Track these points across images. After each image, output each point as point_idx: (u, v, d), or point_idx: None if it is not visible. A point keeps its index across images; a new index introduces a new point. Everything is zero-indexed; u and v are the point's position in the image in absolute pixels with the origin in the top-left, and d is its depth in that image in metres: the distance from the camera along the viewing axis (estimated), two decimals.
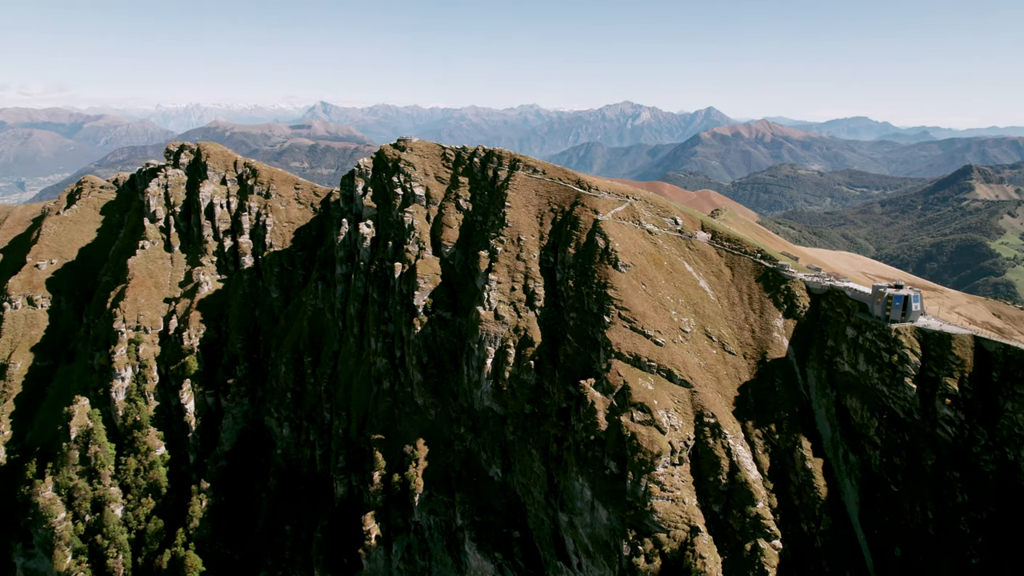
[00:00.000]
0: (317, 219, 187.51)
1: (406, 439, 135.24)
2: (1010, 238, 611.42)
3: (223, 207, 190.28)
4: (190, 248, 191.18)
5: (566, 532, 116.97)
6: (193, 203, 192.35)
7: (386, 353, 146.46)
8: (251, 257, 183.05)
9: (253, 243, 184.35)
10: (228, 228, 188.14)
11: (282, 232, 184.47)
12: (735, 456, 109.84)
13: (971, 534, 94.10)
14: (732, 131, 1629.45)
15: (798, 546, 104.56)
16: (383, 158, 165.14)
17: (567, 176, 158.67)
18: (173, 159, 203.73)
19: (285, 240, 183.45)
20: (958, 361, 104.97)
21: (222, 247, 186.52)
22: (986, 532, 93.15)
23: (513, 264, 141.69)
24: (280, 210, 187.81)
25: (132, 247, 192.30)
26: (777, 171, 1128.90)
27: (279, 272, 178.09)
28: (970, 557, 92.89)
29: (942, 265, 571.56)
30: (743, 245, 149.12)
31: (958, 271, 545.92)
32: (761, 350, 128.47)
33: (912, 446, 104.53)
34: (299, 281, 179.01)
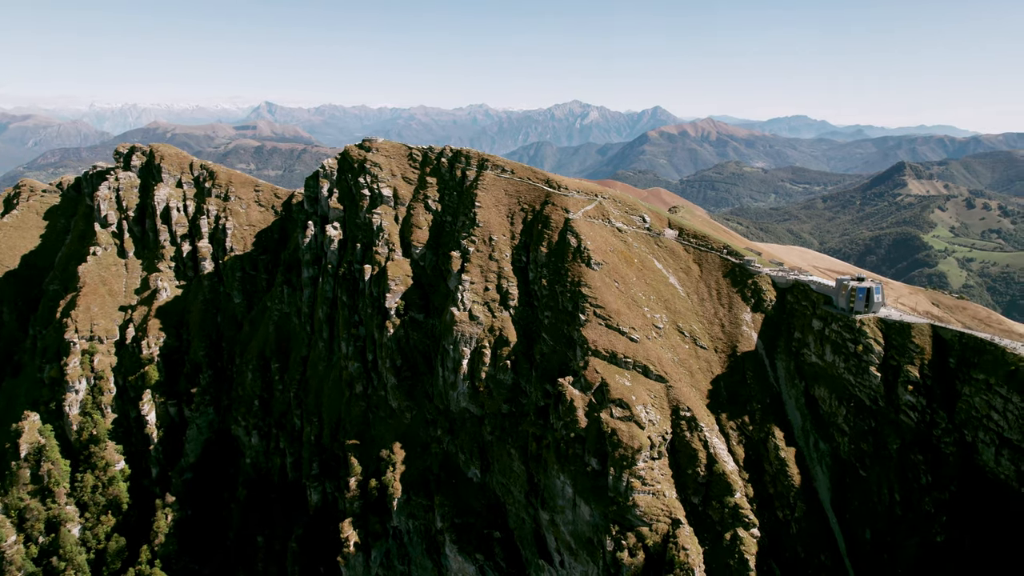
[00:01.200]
0: (279, 222, 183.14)
1: (382, 443, 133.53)
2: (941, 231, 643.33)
3: (180, 211, 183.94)
4: (146, 254, 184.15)
5: (547, 530, 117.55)
6: (148, 207, 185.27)
7: (358, 357, 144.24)
8: (211, 262, 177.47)
9: (213, 247, 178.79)
10: (186, 232, 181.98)
11: (243, 235, 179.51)
12: (712, 448, 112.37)
13: (935, 513, 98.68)
14: (679, 130, 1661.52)
15: (774, 533, 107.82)
16: (348, 159, 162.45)
17: (536, 175, 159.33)
18: (123, 161, 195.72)
19: (246, 244, 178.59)
20: (918, 349, 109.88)
21: (180, 252, 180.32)
22: (949, 511, 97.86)
23: (486, 264, 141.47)
24: (240, 213, 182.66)
25: (82, 253, 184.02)
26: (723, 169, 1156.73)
27: (241, 277, 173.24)
28: (935, 536, 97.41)
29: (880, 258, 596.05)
30: (709, 241, 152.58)
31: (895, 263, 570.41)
32: (731, 344, 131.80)
33: (878, 432, 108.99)
34: (263, 286, 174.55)
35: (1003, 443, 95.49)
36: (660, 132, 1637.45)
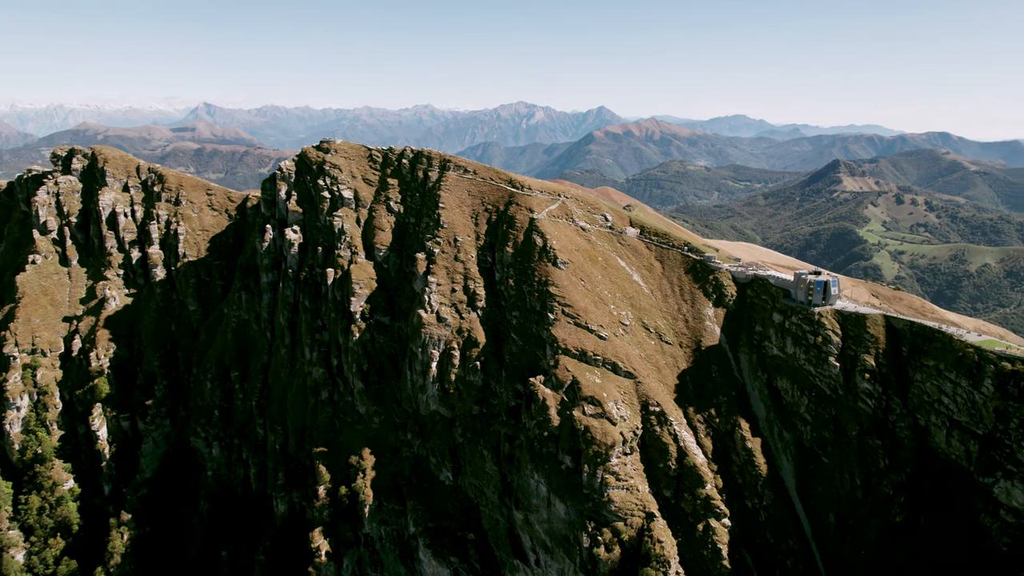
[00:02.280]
0: (234, 226, 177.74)
1: (350, 450, 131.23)
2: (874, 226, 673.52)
3: (127, 216, 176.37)
4: (91, 261, 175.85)
5: (522, 530, 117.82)
6: (92, 212, 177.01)
7: (322, 362, 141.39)
8: (163, 269, 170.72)
9: (164, 253, 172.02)
10: (134, 238, 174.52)
11: (196, 241, 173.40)
12: (682, 442, 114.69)
13: (894, 495, 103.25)
14: (623, 129, 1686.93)
15: (744, 522, 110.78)
16: (306, 161, 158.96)
17: (499, 176, 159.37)
18: (62, 164, 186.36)
19: (200, 249, 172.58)
20: (873, 339, 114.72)
21: (129, 259, 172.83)
22: (906, 491, 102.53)
23: (452, 265, 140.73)
24: (192, 218, 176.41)
25: (19, 262, 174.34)
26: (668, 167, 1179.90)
27: (196, 283, 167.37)
28: (894, 516, 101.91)
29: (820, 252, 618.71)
30: (670, 239, 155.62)
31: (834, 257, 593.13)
32: (696, 339, 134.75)
33: (838, 420, 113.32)
34: (219, 292, 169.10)
35: (953, 425, 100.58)
36: (605, 132, 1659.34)
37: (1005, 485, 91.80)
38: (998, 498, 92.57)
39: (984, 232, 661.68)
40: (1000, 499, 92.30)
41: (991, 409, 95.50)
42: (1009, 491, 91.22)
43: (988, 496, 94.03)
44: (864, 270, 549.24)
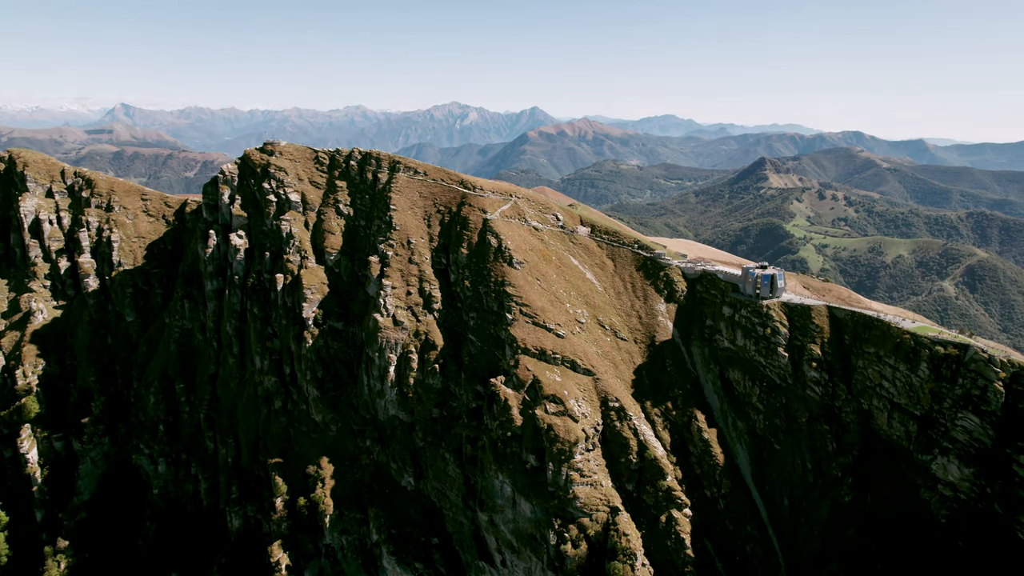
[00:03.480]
0: (172, 232, 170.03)
1: (307, 459, 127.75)
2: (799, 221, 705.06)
3: (53, 223, 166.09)
4: (12, 272, 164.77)
5: (487, 531, 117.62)
6: (12, 220, 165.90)
7: (274, 371, 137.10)
8: (96, 278, 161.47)
9: (97, 262, 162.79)
10: (62, 247, 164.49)
11: (132, 248, 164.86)
12: (641, 436, 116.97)
13: (842, 476, 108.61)
14: (557, 130, 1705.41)
15: (704, 511, 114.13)
16: (249, 163, 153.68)
17: (450, 177, 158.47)
18: None
19: (136, 257, 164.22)
20: (818, 329, 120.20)
21: (56, 269, 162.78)
22: (853, 472, 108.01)
23: (406, 268, 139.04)
24: (127, 224, 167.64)
25: None
26: (601, 167, 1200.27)
27: (133, 293, 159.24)
28: (843, 496, 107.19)
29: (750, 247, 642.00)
30: (620, 237, 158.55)
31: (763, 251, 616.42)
32: (649, 334, 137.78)
33: (788, 407, 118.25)
34: (159, 301, 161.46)
35: (894, 407, 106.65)
36: (539, 132, 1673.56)
37: (942, 461, 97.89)
38: (936, 474, 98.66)
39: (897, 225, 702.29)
40: (937, 475, 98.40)
41: (927, 391, 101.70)
42: (945, 467, 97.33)
43: (927, 472, 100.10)
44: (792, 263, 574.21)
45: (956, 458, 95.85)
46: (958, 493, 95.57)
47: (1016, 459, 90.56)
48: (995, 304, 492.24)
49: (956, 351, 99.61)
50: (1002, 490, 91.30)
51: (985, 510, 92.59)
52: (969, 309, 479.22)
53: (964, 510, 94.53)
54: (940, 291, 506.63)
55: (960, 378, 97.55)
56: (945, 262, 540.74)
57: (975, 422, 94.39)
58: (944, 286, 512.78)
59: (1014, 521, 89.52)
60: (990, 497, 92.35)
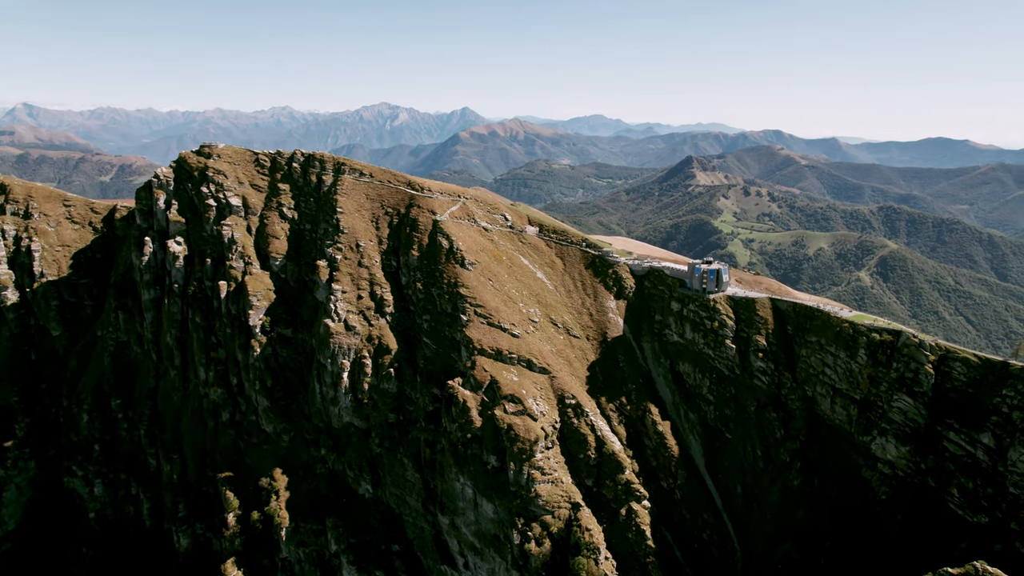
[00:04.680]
0: (101, 240, 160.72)
1: (260, 472, 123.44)
2: (727, 217, 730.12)
3: None
4: None
5: (449, 535, 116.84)
6: None
7: (220, 382, 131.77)
8: (15, 291, 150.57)
9: (16, 274, 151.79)
10: None
11: (56, 258, 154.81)
12: (599, 431, 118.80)
13: (791, 461, 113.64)
14: (488, 130, 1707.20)
15: (661, 501, 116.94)
16: (186, 167, 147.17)
17: (397, 178, 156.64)
18: None
19: (61, 267, 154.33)
20: (762, 320, 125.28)
21: None
22: (801, 457, 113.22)
23: (356, 272, 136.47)
24: (49, 232, 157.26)
25: None
26: (534, 167, 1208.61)
27: (59, 305, 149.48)
28: (792, 480, 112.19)
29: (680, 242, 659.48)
30: (568, 236, 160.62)
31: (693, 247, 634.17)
32: (601, 331, 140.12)
33: (738, 397, 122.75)
34: (89, 314, 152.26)
35: (836, 393, 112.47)
36: (471, 133, 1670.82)
37: (880, 441, 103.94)
38: (875, 453, 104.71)
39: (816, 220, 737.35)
40: (877, 454, 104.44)
41: (865, 376, 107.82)
42: (884, 446, 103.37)
43: (867, 453, 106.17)
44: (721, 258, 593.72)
45: (893, 438, 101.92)
46: (896, 470, 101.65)
47: (945, 435, 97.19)
48: (905, 292, 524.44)
49: (890, 337, 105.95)
50: (934, 465, 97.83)
51: (920, 484, 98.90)
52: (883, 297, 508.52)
53: (902, 486, 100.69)
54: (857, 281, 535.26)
55: (895, 362, 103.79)
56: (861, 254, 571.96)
57: (909, 403, 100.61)
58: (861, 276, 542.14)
59: (945, 493, 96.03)
60: (924, 472, 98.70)
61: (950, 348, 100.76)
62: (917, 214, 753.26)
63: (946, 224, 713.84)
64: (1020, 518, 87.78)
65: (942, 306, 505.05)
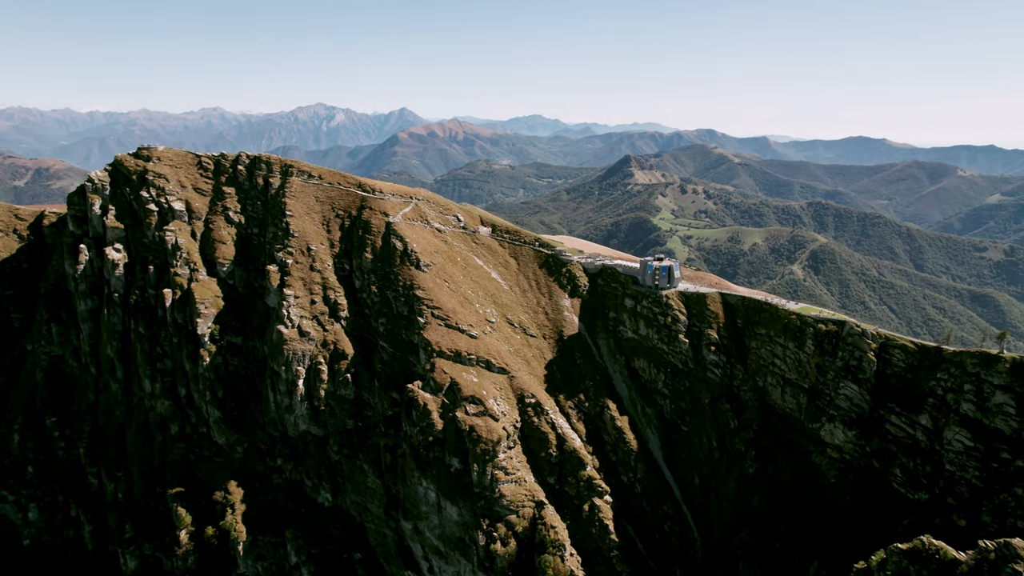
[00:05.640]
0: (28, 248, 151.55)
1: (213, 486, 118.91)
2: (665, 214, 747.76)
3: None
4: None
5: (412, 540, 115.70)
6: None
7: (167, 394, 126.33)
8: None
9: None
10: None
11: None
12: (559, 429, 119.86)
13: (745, 450, 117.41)
14: (427, 130, 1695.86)
15: (623, 495, 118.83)
16: (123, 170, 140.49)
17: (347, 180, 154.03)
18: None
19: None
20: (713, 315, 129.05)
21: None
22: (755, 446, 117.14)
23: (308, 276, 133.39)
24: None
25: None
26: (474, 167, 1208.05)
27: None
28: (747, 468, 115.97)
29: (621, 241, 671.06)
30: (521, 235, 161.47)
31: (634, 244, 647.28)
32: (557, 329, 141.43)
33: (692, 390, 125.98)
34: (16, 327, 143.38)
35: (786, 383, 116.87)
36: (410, 133, 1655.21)
37: (829, 427, 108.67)
38: (824, 439, 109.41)
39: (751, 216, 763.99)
40: (826, 439, 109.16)
41: (813, 365, 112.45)
42: (832, 432, 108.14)
43: (817, 439, 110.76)
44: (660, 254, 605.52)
45: (840, 423, 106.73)
46: (843, 454, 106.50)
47: (888, 419, 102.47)
48: (835, 284, 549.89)
49: (835, 327, 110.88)
50: (878, 447, 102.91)
51: (866, 466, 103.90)
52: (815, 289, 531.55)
53: (849, 468, 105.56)
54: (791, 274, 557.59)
55: (840, 351, 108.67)
56: (793, 248, 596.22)
57: (854, 390, 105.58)
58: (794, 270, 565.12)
59: (889, 473, 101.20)
60: (869, 455, 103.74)
61: (889, 336, 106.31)
62: (843, 209, 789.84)
63: (869, 219, 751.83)
64: (956, 493, 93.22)
65: (868, 296, 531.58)
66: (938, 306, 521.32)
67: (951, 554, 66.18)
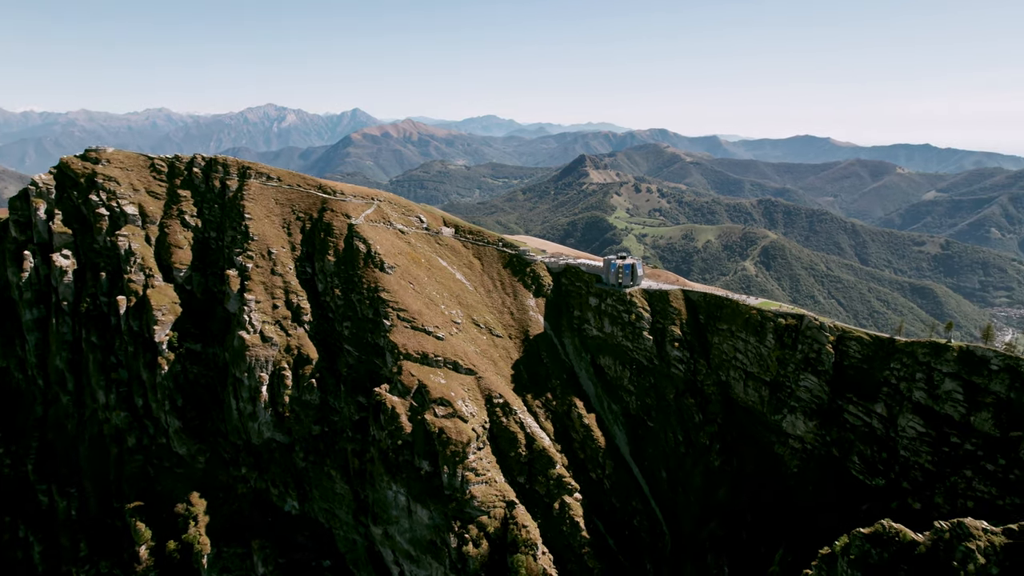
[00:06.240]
0: None
1: (174, 498, 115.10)
2: (620, 213, 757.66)
3: None
4: None
5: (383, 545, 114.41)
6: None
7: (123, 405, 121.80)
8: None
9: None
10: None
11: None
12: (528, 428, 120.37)
13: (710, 444, 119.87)
14: (381, 131, 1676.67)
15: (592, 492, 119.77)
16: (69, 173, 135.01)
17: (307, 182, 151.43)
18: None
19: None
20: (676, 311, 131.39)
21: None
22: (719, 439, 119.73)
23: (269, 280, 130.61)
24: None
25: None
26: (429, 168, 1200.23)
27: None
28: (713, 461, 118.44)
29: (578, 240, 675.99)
30: (485, 236, 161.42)
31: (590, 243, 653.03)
32: (523, 329, 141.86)
33: (657, 386, 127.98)
34: None
35: (748, 376, 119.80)
36: (363, 134, 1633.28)
37: (790, 419, 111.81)
38: (786, 430, 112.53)
39: (703, 214, 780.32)
40: (787, 430, 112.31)
41: (774, 359, 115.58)
42: (793, 423, 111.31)
43: (779, 430, 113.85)
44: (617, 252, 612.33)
45: (801, 414, 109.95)
46: (805, 444, 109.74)
47: (846, 408, 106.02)
48: (785, 279, 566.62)
49: (794, 321, 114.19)
50: (837, 436, 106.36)
51: (826, 455, 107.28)
52: (767, 285, 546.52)
53: (810, 458, 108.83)
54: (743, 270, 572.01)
55: (800, 344, 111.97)
56: (745, 244, 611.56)
57: (814, 381, 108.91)
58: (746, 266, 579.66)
59: (848, 461, 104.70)
60: (829, 444, 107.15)
61: (846, 329, 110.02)
62: (792, 206, 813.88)
63: (816, 215, 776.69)
64: (911, 478, 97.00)
65: (817, 290, 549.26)
66: (882, 299, 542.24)
67: (909, 536, 68.74)
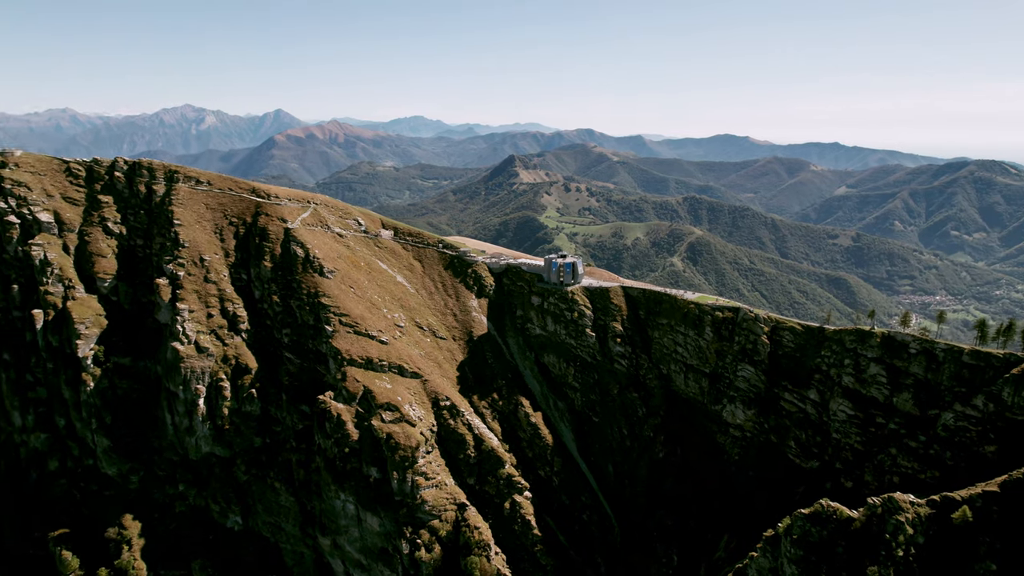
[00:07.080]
0: None
1: (105, 522, 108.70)
2: (551, 212, 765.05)
3: None
4: None
5: (332, 555, 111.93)
6: None
7: (43, 426, 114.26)
8: None
9: None
10: None
11: None
12: (476, 430, 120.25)
13: (654, 436, 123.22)
14: (306, 132, 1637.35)
15: (542, 490, 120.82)
16: None
17: (239, 186, 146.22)
18: None
19: None
20: (617, 308, 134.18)
21: None
22: (663, 431, 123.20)
23: (202, 288, 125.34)
24: None
25: None
26: (357, 169, 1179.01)
27: None
28: (657, 453, 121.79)
29: (510, 239, 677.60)
30: (424, 238, 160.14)
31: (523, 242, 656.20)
32: (467, 330, 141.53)
33: (601, 382, 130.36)
34: None
35: (688, 369, 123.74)
36: (287, 136, 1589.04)
37: (730, 408, 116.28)
38: (726, 419, 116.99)
39: (631, 212, 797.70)
40: (728, 420, 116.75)
41: (713, 351, 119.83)
42: (733, 412, 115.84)
43: (719, 420, 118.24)
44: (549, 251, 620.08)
45: (740, 403, 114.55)
46: (744, 432, 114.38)
47: (782, 396, 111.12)
48: (712, 273, 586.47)
49: (731, 314, 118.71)
50: (775, 423, 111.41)
51: (765, 442, 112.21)
52: (694, 279, 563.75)
53: (750, 445, 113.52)
54: (672, 266, 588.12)
55: (736, 336, 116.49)
56: (672, 241, 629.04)
57: (751, 371, 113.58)
58: (674, 261, 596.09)
59: (784, 446, 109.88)
60: (767, 431, 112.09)
61: (779, 320, 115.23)
62: (715, 203, 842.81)
63: (739, 211, 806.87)
64: (842, 458, 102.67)
65: (742, 284, 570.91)
66: (802, 290, 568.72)
67: (846, 513, 72.86)
